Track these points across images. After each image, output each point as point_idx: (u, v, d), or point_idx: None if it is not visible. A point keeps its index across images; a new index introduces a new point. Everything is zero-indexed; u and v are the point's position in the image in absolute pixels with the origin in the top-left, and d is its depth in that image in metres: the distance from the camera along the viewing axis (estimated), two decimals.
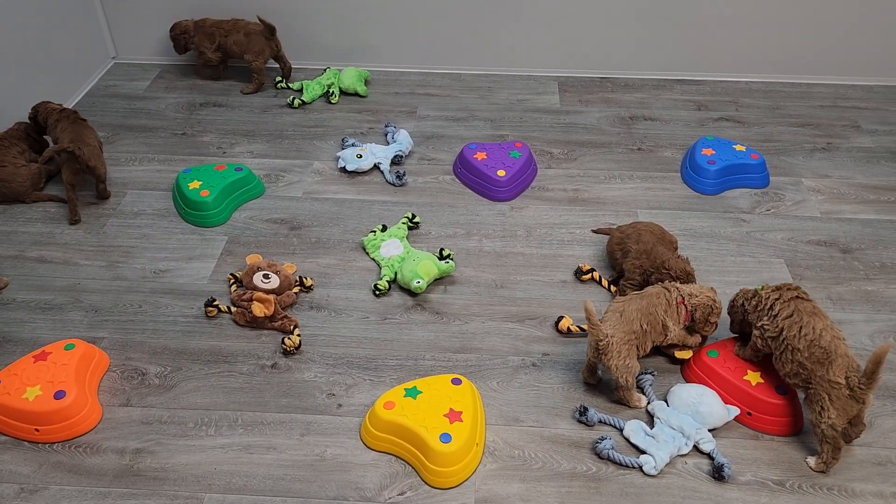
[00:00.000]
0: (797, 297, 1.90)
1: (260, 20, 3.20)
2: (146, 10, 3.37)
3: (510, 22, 3.34)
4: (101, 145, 2.71)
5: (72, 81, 3.23)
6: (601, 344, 1.90)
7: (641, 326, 1.94)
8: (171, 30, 3.28)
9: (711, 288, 2.07)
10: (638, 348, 1.95)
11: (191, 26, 3.28)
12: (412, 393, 1.92)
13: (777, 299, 1.90)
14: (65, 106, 2.78)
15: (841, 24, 3.25)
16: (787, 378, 1.87)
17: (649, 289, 2.05)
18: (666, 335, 2.00)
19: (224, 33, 3.28)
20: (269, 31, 3.22)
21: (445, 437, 1.80)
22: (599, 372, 2.03)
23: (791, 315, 1.86)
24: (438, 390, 1.93)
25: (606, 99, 3.31)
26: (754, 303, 1.95)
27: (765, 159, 2.80)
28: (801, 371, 1.82)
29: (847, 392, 1.75)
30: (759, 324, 1.91)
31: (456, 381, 1.96)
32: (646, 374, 2.05)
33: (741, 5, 3.23)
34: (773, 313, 1.89)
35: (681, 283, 2.11)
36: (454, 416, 1.86)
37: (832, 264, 2.45)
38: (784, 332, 1.85)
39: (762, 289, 1.96)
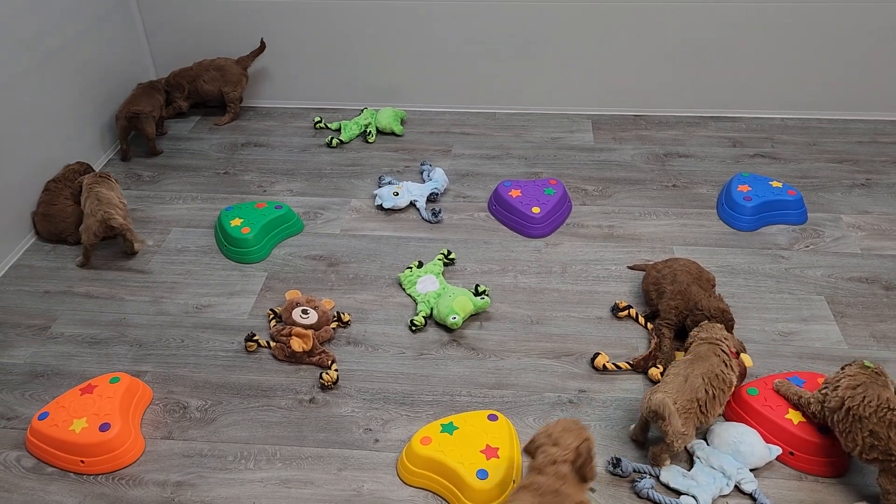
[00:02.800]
0: (872, 376, 1.79)
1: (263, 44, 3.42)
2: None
3: (543, 61, 3.40)
4: (157, 110, 3.22)
5: None
6: (669, 433, 1.80)
7: (707, 392, 1.86)
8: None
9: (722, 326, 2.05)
10: (697, 418, 1.85)
11: (162, 83, 3.42)
12: (448, 429, 1.92)
13: (849, 374, 1.80)
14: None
15: (878, 59, 3.24)
16: (863, 455, 1.73)
17: (699, 350, 1.97)
18: (728, 395, 1.92)
19: (191, 79, 3.40)
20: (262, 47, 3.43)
21: (482, 474, 1.80)
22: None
23: (856, 387, 1.76)
24: (475, 426, 1.93)
25: (640, 136, 3.33)
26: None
27: (802, 196, 2.78)
28: (876, 442, 1.70)
29: None
30: (823, 390, 1.83)
31: (492, 417, 1.96)
32: None
33: (775, 42, 3.24)
34: (836, 384, 1.80)
35: (716, 322, 2.10)
36: (491, 452, 1.86)
37: (875, 301, 2.40)
38: (846, 403, 1.75)
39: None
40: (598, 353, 2.21)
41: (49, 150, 2.88)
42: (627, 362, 2.18)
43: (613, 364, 2.19)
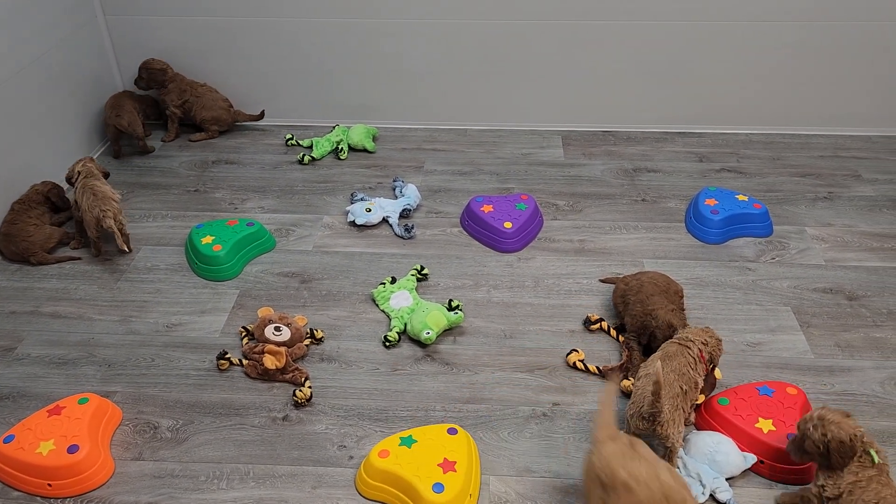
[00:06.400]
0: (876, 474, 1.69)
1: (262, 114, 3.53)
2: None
3: (514, 78, 3.44)
4: (136, 109, 3.32)
5: (90, 141, 3.32)
6: (660, 417, 1.81)
7: (682, 388, 1.90)
8: (146, 63, 3.37)
9: (709, 329, 2.08)
10: (683, 410, 1.90)
11: (171, 72, 3.39)
12: (407, 442, 1.92)
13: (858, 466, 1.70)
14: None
15: (839, 76, 3.33)
16: None
17: (668, 348, 2.01)
18: (696, 394, 1.97)
19: (197, 94, 3.42)
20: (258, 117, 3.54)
21: (438, 487, 1.80)
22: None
23: (860, 481, 1.67)
24: (433, 440, 1.93)
25: (609, 152, 3.38)
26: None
27: (767, 209, 2.85)
28: None
29: None
30: (821, 483, 1.73)
31: (452, 431, 1.96)
32: None
33: (740, 60, 3.32)
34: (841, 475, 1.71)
35: (661, 334, 2.14)
36: (448, 465, 1.86)
37: (839, 311, 2.46)
38: (844, 497, 1.68)
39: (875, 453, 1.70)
40: (574, 350, 2.25)
41: (16, 168, 2.84)
42: (598, 367, 2.22)
43: (584, 364, 2.22)
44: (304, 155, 3.31)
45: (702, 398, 2.07)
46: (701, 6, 3.20)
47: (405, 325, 2.38)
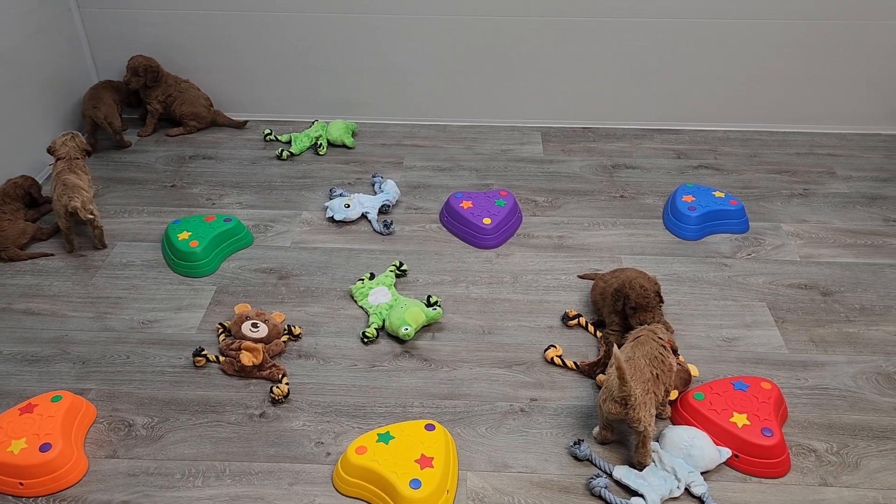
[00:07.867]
0: None
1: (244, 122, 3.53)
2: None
3: (494, 75, 3.44)
4: (116, 101, 3.29)
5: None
6: (631, 400, 1.84)
7: (653, 373, 1.93)
8: (146, 61, 3.32)
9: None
10: (655, 395, 1.93)
11: (158, 68, 3.35)
12: (384, 438, 1.92)
13: None
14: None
15: (815, 75, 3.37)
16: None
17: (638, 335, 2.04)
18: (670, 378, 1.99)
19: (179, 90, 3.40)
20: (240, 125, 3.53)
21: (415, 483, 1.80)
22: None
23: None
24: (411, 436, 1.93)
25: (588, 148, 3.39)
26: None
27: (744, 205, 2.87)
28: None
29: None
30: None
31: (429, 427, 1.96)
32: None
33: (718, 58, 3.34)
34: None
35: (634, 294, 2.17)
36: (425, 461, 1.86)
37: (813, 307, 2.49)
38: None
39: None
40: (552, 346, 2.26)
41: None
42: (575, 363, 2.23)
43: (562, 360, 2.23)
44: (282, 150, 3.29)
45: (675, 394, 2.08)
46: (680, 5, 3.21)
47: (383, 321, 2.37)
